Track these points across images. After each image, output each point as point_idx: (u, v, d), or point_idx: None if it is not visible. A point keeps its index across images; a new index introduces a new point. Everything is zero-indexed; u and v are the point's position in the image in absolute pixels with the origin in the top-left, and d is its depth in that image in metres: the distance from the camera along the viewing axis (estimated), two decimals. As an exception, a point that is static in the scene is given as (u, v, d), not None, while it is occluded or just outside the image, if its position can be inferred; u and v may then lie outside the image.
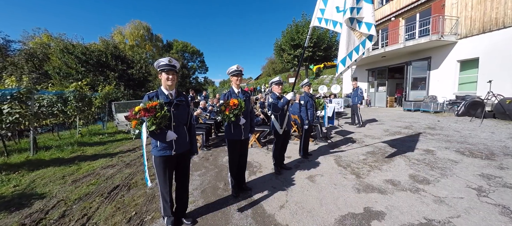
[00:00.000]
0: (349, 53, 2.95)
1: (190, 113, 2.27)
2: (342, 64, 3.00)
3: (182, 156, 2.18)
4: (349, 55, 2.96)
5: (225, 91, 2.75)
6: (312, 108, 4.08)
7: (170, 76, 2.01)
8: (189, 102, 2.24)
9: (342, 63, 2.98)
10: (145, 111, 1.80)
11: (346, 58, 2.96)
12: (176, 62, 2.12)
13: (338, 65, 3.02)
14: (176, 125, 2.06)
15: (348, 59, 2.97)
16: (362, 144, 5.08)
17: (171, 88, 2.07)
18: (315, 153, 4.53)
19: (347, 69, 3.03)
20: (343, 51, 2.95)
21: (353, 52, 2.96)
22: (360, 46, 2.92)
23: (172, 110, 2.00)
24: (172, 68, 2.03)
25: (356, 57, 2.95)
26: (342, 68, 3.02)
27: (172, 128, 2.02)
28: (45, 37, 22.47)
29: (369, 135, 6.02)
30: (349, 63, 2.99)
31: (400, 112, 10.84)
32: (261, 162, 4.15)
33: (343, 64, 2.99)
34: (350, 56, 2.96)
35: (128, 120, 1.89)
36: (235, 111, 2.44)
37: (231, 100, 2.48)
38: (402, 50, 11.06)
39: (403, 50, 11.06)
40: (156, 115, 1.81)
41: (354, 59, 2.96)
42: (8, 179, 4.03)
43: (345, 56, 2.95)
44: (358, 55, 2.94)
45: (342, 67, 3.01)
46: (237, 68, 2.65)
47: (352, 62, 2.99)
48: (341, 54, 2.95)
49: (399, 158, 3.97)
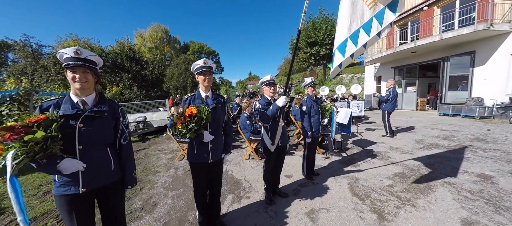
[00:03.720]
0: (352, 34, 1.88)
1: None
2: (340, 53, 1.93)
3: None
4: (353, 37, 1.86)
5: (188, 95, 2.00)
6: (317, 115, 3.15)
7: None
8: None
9: (340, 51, 1.93)
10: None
11: (346, 43, 1.89)
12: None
13: (334, 55, 1.99)
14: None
15: (350, 44, 1.89)
16: (387, 161, 3.99)
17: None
18: (323, 172, 3.59)
19: (348, 63, 1.99)
20: (343, 32, 1.91)
21: (361, 32, 1.82)
22: (373, 21, 1.77)
23: None
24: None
25: (365, 41, 1.85)
26: (340, 59, 1.96)
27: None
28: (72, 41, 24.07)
29: (397, 147, 4.85)
30: (352, 51, 1.89)
31: (435, 117, 9.21)
32: (254, 182, 3.33)
33: (342, 54, 1.93)
34: (355, 38, 1.86)
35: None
36: (190, 125, 1.68)
37: (188, 109, 1.72)
38: (438, 44, 9.41)
39: (438, 43, 9.41)
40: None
41: (360, 44, 1.85)
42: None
43: (346, 40, 1.89)
44: (368, 38, 1.81)
45: (339, 59, 1.96)
46: (204, 64, 1.89)
47: (357, 49, 1.88)
48: (340, 37, 1.93)
49: (442, 186, 2.87)
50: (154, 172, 4.08)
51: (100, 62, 1.50)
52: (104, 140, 1.45)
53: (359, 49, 1.86)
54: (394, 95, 5.89)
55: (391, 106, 5.95)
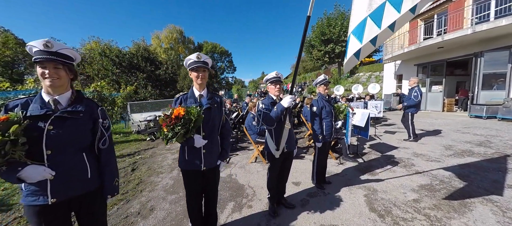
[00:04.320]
0: (375, 12, 1.42)
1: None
2: (357, 38, 1.51)
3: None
4: (376, 15, 1.41)
5: (180, 94, 1.79)
6: (330, 117, 2.80)
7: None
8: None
9: (356, 35, 1.51)
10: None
11: (364, 24, 1.47)
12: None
13: (348, 42, 1.59)
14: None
15: (370, 25, 1.45)
16: (411, 169, 3.52)
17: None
18: (336, 180, 3.23)
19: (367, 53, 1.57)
20: (361, 9, 1.49)
21: (387, 7, 1.35)
22: None
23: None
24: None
25: (393, 20, 1.38)
26: (356, 46, 1.54)
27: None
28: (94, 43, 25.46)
29: (422, 153, 4.31)
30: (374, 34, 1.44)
31: (465, 119, 8.30)
32: (258, 188, 3.06)
33: (359, 39, 1.51)
34: (377, 17, 1.40)
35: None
36: (177, 128, 1.45)
37: (176, 109, 1.50)
38: (469, 37, 8.47)
39: (470, 37, 8.46)
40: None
41: (386, 25, 1.40)
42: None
43: (365, 20, 1.46)
44: (398, 15, 1.34)
45: (355, 46, 1.55)
46: (198, 58, 1.66)
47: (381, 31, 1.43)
48: (356, 17, 1.54)
49: (481, 204, 2.40)
50: (158, 172, 3.98)
51: (76, 57, 1.34)
52: (79, 144, 1.29)
53: (384, 32, 1.44)
54: (412, 94, 5.35)
55: (416, 108, 5.39)
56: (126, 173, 4.09)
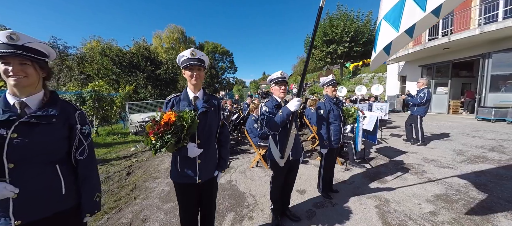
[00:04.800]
0: None
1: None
2: (392, 25, 1.23)
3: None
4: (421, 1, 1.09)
5: (171, 96, 1.57)
6: (338, 121, 2.58)
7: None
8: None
9: (390, 22, 1.23)
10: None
11: (402, 6, 1.18)
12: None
13: (378, 32, 1.31)
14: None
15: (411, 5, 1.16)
16: (423, 177, 3.29)
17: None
18: (343, 188, 3.01)
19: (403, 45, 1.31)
20: None
21: None
22: None
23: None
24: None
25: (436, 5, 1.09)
26: (390, 36, 1.26)
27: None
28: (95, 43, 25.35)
29: (432, 158, 4.09)
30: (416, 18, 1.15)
31: (472, 122, 8.06)
32: (260, 197, 2.85)
33: (395, 26, 1.23)
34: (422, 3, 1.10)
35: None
36: (166, 137, 1.24)
37: (166, 114, 1.29)
38: (477, 38, 8.23)
39: (478, 38, 8.22)
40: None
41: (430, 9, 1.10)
42: None
43: (401, 4, 1.17)
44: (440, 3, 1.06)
45: (388, 35, 1.26)
46: (192, 55, 1.46)
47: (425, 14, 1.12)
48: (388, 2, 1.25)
49: (505, 218, 2.18)
50: (154, 177, 3.77)
51: (50, 53, 1.14)
52: (51, 155, 1.08)
53: (427, 18, 1.13)
54: (429, 97, 5.09)
55: (424, 110, 5.16)
56: (121, 177, 3.89)
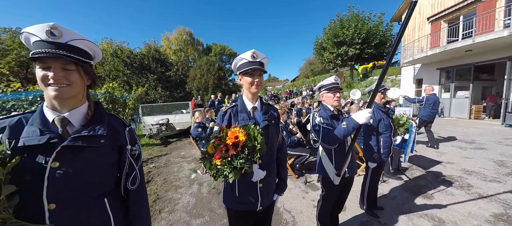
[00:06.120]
0: None
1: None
2: None
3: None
4: None
5: (227, 106, 1.35)
6: (389, 131, 2.34)
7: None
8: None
9: None
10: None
11: None
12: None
13: None
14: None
15: None
16: (470, 192, 2.99)
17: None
18: (386, 203, 2.74)
19: None
20: None
21: None
22: None
23: None
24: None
25: None
26: None
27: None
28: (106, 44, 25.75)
29: (473, 170, 3.77)
30: None
31: (499, 128, 7.64)
32: (297, 213, 2.62)
33: None
34: None
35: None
36: (237, 161, 1.02)
37: (231, 131, 1.07)
38: (504, 40, 7.84)
39: (505, 40, 7.83)
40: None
41: None
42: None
43: None
44: None
45: None
46: (253, 58, 1.23)
47: None
48: None
49: None
50: (175, 187, 3.59)
51: (96, 54, 0.88)
52: (98, 187, 0.84)
53: None
54: (433, 101, 5.14)
55: (427, 114, 5.12)
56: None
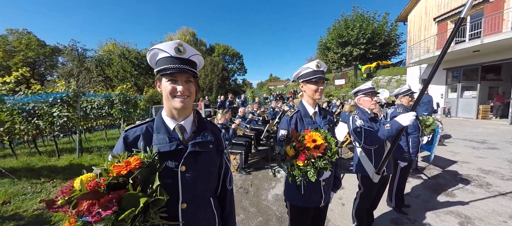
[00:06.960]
0: None
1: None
2: None
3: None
4: None
5: (291, 112, 1.45)
6: (417, 132, 2.47)
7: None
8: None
9: None
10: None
11: None
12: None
13: None
14: None
15: None
16: (490, 190, 3.12)
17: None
18: (411, 201, 2.87)
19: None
20: None
21: None
22: None
23: None
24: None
25: None
26: None
27: None
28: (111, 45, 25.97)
29: (489, 169, 3.89)
30: None
31: (508, 128, 7.76)
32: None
33: None
34: None
35: None
36: (320, 163, 1.13)
37: (309, 135, 1.19)
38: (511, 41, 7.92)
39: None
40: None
41: None
42: (40, 190, 3.76)
43: None
44: None
45: None
46: (317, 67, 1.35)
47: None
48: None
49: None
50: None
51: (201, 64, 0.97)
52: (210, 188, 0.96)
53: None
54: (427, 100, 5.37)
55: (421, 112, 5.31)
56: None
